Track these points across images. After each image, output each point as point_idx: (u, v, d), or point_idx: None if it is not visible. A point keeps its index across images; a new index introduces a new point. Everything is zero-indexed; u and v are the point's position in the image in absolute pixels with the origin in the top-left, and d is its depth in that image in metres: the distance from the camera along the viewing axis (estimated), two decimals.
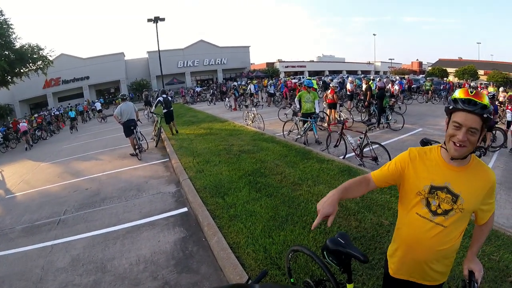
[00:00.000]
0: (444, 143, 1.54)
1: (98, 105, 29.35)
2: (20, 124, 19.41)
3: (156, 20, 31.11)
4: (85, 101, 39.85)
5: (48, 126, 24.33)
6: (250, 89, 22.81)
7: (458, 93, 1.47)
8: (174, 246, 4.13)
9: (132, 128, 9.40)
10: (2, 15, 23.00)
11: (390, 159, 6.24)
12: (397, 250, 1.74)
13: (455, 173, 1.54)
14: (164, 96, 12.38)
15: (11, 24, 23.49)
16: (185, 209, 5.24)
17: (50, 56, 27.02)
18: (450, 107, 1.48)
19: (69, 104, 38.42)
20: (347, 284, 1.80)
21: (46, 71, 27.03)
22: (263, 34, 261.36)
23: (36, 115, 28.60)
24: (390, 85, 15.41)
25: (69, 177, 8.65)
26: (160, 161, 8.80)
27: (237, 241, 3.75)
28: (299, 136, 9.26)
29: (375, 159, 6.75)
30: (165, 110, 11.84)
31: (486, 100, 1.41)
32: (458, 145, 1.44)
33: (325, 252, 1.82)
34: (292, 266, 3.03)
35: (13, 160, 14.49)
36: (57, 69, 36.47)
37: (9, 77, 25.06)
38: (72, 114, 25.15)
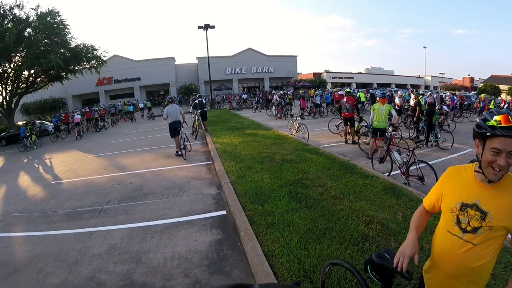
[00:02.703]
0: (480, 167, 1.53)
1: (141, 105, 33.08)
2: (75, 116, 21.63)
3: (207, 27, 32.29)
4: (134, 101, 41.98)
5: (112, 117, 28.41)
6: (276, 99, 22.17)
7: (496, 120, 1.42)
8: (209, 247, 4.21)
9: (177, 129, 10.00)
10: (59, 15, 25.07)
11: (436, 180, 6.02)
12: (431, 267, 1.79)
13: (485, 190, 1.54)
14: (200, 99, 15.70)
15: (67, 25, 25.61)
16: (223, 212, 5.33)
17: (104, 56, 29.25)
18: (488, 134, 1.44)
19: (121, 101, 40.80)
20: None
21: (99, 70, 29.24)
22: (311, 44, 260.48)
23: (97, 107, 31.19)
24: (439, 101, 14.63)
25: (115, 171, 9.13)
26: (203, 163, 9.03)
27: (272, 249, 3.75)
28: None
29: (421, 178, 6.46)
30: (200, 110, 14.64)
31: None
32: (497, 169, 1.44)
33: (368, 266, 1.80)
34: (327, 281, 2.99)
35: (63, 149, 15.63)
36: (110, 69, 39.10)
37: (64, 73, 27.39)
38: (131, 108, 30.27)
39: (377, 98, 9.64)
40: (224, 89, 48.49)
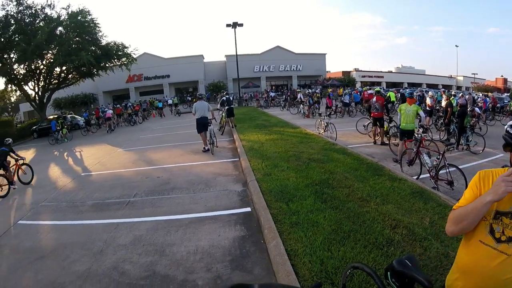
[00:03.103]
0: None
1: (170, 101, 34.70)
2: (107, 111, 22.96)
3: (235, 25, 32.52)
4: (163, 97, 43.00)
5: (143, 112, 29.93)
6: (300, 97, 23.68)
7: None
8: (232, 243, 4.27)
9: (205, 124, 10.35)
10: (90, 14, 26.07)
11: (466, 185, 5.83)
12: (457, 280, 1.67)
13: None
14: (227, 96, 16.97)
15: (97, 23, 26.63)
16: (248, 209, 5.39)
17: (134, 54, 30.21)
18: None
19: (151, 97, 42.02)
20: None
21: (130, 67, 30.18)
22: (340, 42, 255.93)
23: (129, 103, 32.87)
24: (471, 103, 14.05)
25: (143, 165, 9.42)
26: (230, 160, 9.14)
27: (295, 248, 3.76)
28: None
29: (450, 183, 6.26)
30: (227, 107, 15.43)
31: None
32: None
33: (388, 273, 1.79)
34: (348, 284, 2.99)
35: (93, 143, 16.27)
36: (140, 66, 40.33)
37: (95, 70, 28.44)
38: (160, 104, 31.58)
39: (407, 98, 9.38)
40: (252, 87, 48.64)
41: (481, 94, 31.08)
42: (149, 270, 3.76)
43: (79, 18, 24.89)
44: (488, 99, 21.99)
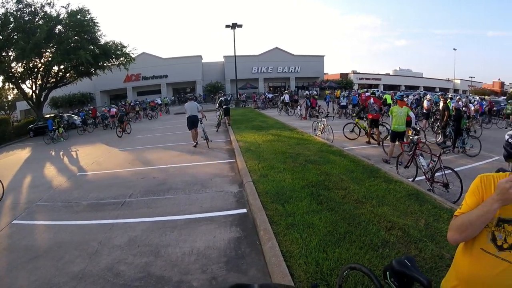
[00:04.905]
0: None
1: (159, 101, 34.92)
2: (111, 109, 24.31)
3: (234, 26, 32.55)
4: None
5: (147, 111, 30.41)
6: (284, 98, 24.49)
7: None
8: (227, 244, 4.27)
9: (194, 122, 11.44)
10: (89, 13, 26.05)
11: (462, 188, 5.85)
12: (456, 287, 1.64)
13: None
14: (225, 96, 19.02)
15: (97, 23, 26.62)
16: (244, 211, 5.39)
17: (132, 53, 30.10)
18: None
19: (147, 99, 42.01)
20: None
21: (128, 67, 30.12)
22: (339, 44, 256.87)
23: (132, 103, 33.10)
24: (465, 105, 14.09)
25: (139, 165, 9.40)
26: (226, 160, 9.14)
27: (291, 250, 3.77)
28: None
29: (446, 185, 6.29)
30: (224, 106, 16.56)
31: None
32: None
33: (388, 273, 1.80)
34: (343, 285, 2.99)
35: (89, 142, 16.23)
36: (138, 66, 40.25)
37: (93, 69, 28.43)
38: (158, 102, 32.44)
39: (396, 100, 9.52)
40: (250, 88, 48.76)
41: (477, 97, 31.19)
42: (143, 271, 3.75)
43: (78, 17, 24.86)
44: (484, 102, 22.08)
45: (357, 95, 24.25)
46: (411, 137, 8.37)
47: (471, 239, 1.55)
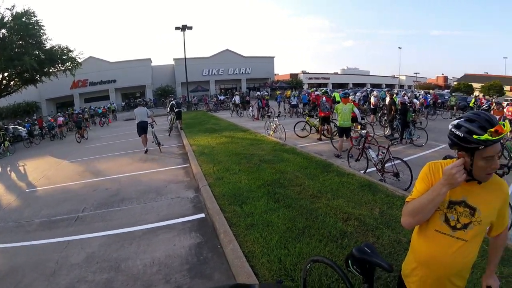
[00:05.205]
0: (469, 174, 1.51)
1: (99, 110, 32.65)
2: (58, 118, 22.88)
3: (184, 28, 32.00)
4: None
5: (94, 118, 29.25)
6: (235, 100, 24.90)
7: (487, 134, 1.39)
8: (189, 251, 4.15)
9: (144, 127, 11.32)
10: (35, 16, 24.07)
11: (411, 176, 6.17)
12: (416, 269, 1.71)
13: (471, 187, 1.55)
14: (176, 100, 19.46)
15: (42, 26, 24.66)
16: (202, 215, 5.27)
17: (79, 58, 28.03)
18: (481, 148, 1.42)
19: (91, 106, 39.78)
20: None
21: (74, 72, 28.12)
22: (289, 46, 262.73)
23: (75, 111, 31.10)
24: (411, 100, 15.08)
25: (90, 176, 8.91)
26: (180, 166, 8.92)
27: (252, 250, 3.74)
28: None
29: (396, 175, 6.61)
30: (176, 110, 16.77)
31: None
32: (491, 172, 1.47)
33: (349, 261, 1.83)
34: (308, 278, 3.00)
35: (37, 155, 15.09)
36: (85, 71, 37.59)
37: (38, 76, 26.28)
38: (99, 111, 30.73)
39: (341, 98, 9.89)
40: (201, 91, 48.31)
41: (422, 92, 33.31)
42: None
43: (23, 19, 22.85)
44: (429, 96, 23.71)
45: (306, 94, 24.84)
46: (359, 132, 8.72)
47: (425, 222, 1.63)
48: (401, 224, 1.67)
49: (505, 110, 13.50)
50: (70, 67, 27.45)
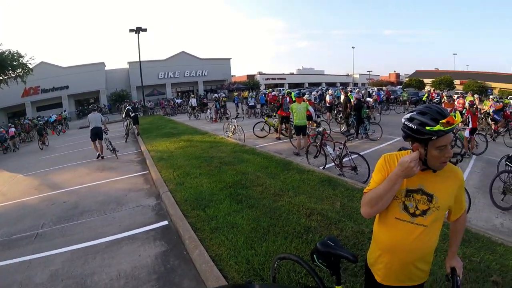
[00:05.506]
0: (424, 163, 1.58)
1: (51, 119, 31.07)
2: (9, 129, 21.63)
3: (138, 30, 31.12)
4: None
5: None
6: (191, 103, 25.13)
7: (440, 125, 1.46)
8: (155, 260, 4.05)
9: (98, 133, 11.16)
10: None
11: (369, 168, 6.42)
12: (380, 257, 1.77)
13: (427, 176, 1.62)
14: (132, 105, 19.47)
15: None
16: (165, 223, 5.16)
17: (30, 64, 26.39)
18: (434, 138, 1.49)
19: (42, 116, 37.50)
20: (336, 286, 1.84)
21: (26, 79, 26.44)
22: (245, 47, 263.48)
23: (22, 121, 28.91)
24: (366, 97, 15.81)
25: (47, 190, 8.41)
26: (139, 173, 8.66)
27: (219, 253, 3.72)
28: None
29: (354, 168, 6.86)
30: (133, 114, 16.40)
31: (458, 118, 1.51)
32: (445, 161, 1.54)
33: (314, 256, 1.86)
34: (277, 276, 3.03)
35: None
36: (37, 78, 35.28)
37: None
38: (51, 119, 29.05)
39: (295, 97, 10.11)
40: (157, 94, 47.20)
41: (375, 89, 34.79)
42: None
43: None
44: (382, 92, 24.84)
45: (263, 95, 25.10)
46: (316, 129, 8.94)
47: (385, 211, 1.70)
48: (361, 214, 1.73)
49: (455, 102, 14.46)
50: (21, 74, 25.78)
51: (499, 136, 12.40)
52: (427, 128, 1.48)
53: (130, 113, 16.43)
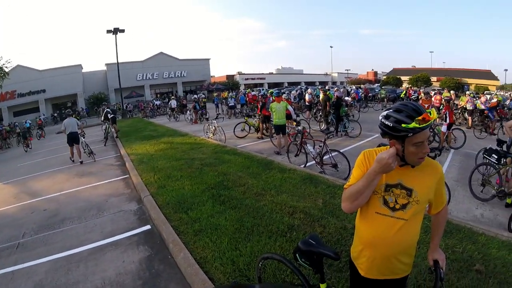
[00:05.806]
0: (402, 159, 1.62)
1: (27, 124, 29.15)
2: None
3: (116, 31, 30.65)
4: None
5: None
6: (171, 104, 25.15)
7: (415, 123, 1.49)
8: (139, 266, 3.99)
9: (74, 138, 11.17)
10: None
11: (349, 165, 6.53)
12: (363, 251, 1.80)
13: (405, 170, 1.66)
14: (110, 107, 19.75)
15: None
16: (148, 227, 5.10)
17: (6, 67, 25.43)
18: (410, 135, 1.53)
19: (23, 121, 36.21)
20: (320, 284, 1.86)
21: (1, 84, 25.41)
22: (224, 47, 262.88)
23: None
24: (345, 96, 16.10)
25: (26, 198, 8.15)
26: (120, 177, 8.52)
27: (204, 256, 3.71)
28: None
29: (335, 166, 6.96)
30: (111, 116, 16.64)
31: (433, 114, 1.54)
32: (423, 156, 1.58)
33: (297, 255, 1.88)
34: (262, 276, 3.05)
35: None
36: (13, 82, 33.91)
37: None
38: (27, 124, 27.05)
39: (275, 97, 10.17)
40: (136, 96, 46.37)
41: (354, 87, 35.33)
42: None
43: None
44: (360, 90, 25.23)
45: (243, 95, 25.09)
46: (296, 128, 9.02)
47: (366, 206, 1.74)
48: (342, 209, 1.76)
49: (432, 98, 14.76)
50: None
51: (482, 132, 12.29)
52: (403, 125, 1.52)
53: (109, 115, 16.56)
